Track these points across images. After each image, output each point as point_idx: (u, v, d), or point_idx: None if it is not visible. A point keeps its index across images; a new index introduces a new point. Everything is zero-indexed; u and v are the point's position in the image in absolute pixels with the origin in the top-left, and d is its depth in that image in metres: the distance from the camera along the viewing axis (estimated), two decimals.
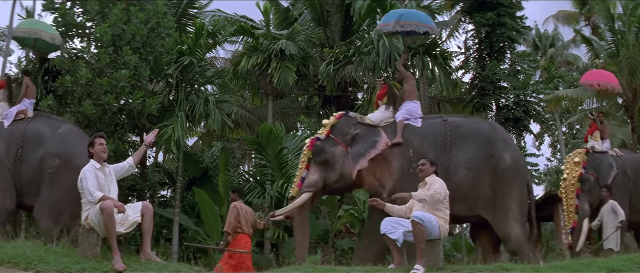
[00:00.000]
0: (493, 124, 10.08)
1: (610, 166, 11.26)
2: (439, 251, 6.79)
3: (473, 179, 8.70)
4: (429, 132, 8.91)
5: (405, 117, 9.07)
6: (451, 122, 9.13)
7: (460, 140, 8.85)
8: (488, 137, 8.94)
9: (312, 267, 6.90)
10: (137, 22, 12.97)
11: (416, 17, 10.23)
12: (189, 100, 14.39)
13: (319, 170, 8.77)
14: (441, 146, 8.78)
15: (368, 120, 9.11)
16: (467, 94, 19.95)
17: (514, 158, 8.88)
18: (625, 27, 17.20)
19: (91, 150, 6.83)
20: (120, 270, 6.30)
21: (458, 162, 8.71)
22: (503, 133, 9.44)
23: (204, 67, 15.20)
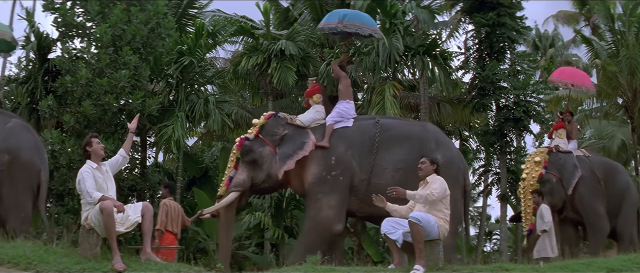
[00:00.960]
0: (426, 125, 9.88)
1: (575, 167, 10.96)
2: (438, 251, 6.79)
3: (401, 180, 8.47)
4: (357, 135, 8.81)
5: (336, 119, 8.97)
6: (382, 123, 9.03)
7: (389, 141, 8.75)
8: (419, 138, 8.86)
9: (312, 267, 6.90)
10: (138, 23, 12.98)
11: (359, 19, 9.97)
12: (189, 100, 14.39)
13: (247, 169, 8.75)
14: (368, 149, 8.67)
15: (298, 121, 9.02)
16: (467, 94, 19.94)
17: (447, 159, 8.66)
18: (625, 27, 17.21)
19: (89, 149, 6.82)
20: (120, 270, 6.31)
21: (385, 163, 8.62)
22: (436, 134, 9.27)
23: (204, 67, 15.20)
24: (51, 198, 13.50)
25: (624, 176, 12.02)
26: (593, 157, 11.75)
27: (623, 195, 11.52)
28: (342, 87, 9.50)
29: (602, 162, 11.82)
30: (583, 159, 11.32)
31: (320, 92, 9.52)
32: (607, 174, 11.37)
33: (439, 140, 9.05)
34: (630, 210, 11.66)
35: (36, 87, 13.49)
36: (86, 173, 6.62)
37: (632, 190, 12.00)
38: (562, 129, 11.78)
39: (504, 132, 18.56)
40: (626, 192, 11.63)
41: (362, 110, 17.64)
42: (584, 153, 11.65)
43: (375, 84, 16.41)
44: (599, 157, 12.92)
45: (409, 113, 21.73)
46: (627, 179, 12.13)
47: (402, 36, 15.95)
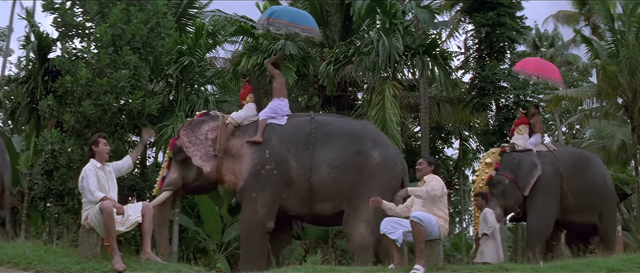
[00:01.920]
0: (365, 123, 9.65)
1: (532, 166, 10.36)
2: (438, 251, 6.79)
3: (336, 178, 8.45)
4: (291, 131, 8.73)
5: (269, 115, 8.94)
6: (318, 120, 8.96)
7: (325, 138, 8.64)
8: (356, 136, 8.71)
9: (312, 267, 6.90)
10: (137, 22, 12.97)
11: (289, 16, 9.79)
12: (189, 100, 14.38)
13: (179, 169, 8.75)
14: (304, 145, 8.56)
15: (230, 120, 8.97)
16: (467, 94, 19.95)
17: (383, 158, 8.55)
18: (625, 27, 17.21)
19: (95, 148, 6.86)
20: (120, 270, 6.32)
21: (321, 160, 8.49)
22: (374, 133, 9.10)
23: (204, 67, 15.19)
24: (51, 198, 13.51)
25: (599, 169, 11.26)
26: (560, 150, 11.05)
27: (598, 188, 10.86)
28: (276, 84, 9.49)
29: (572, 155, 11.15)
30: (546, 154, 10.68)
31: (252, 92, 9.48)
32: (577, 168, 10.72)
33: (376, 139, 8.86)
34: (612, 207, 11.13)
35: (36, 87, 13.48)
36: (89, 172, 6.64)
37: (610, 183, 11.34)
38: (525, 125, 11.21)
39: (504, 132, 18.54)
40: (603, 186, 11.01)
41: (362, 110, 17.65)
42: (549, 147, 10.99)
43: (375, 83, 16.41)
44: (569, 149, 12.16)
45: (409, 113, 21.74)
46: (603, 172, 11.39)
47: (402, 36, 15.95)
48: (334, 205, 8.52)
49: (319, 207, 8.45)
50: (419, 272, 6.49)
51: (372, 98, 16.03)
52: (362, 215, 8.19)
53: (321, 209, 8.46)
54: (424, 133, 19.11)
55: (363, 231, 8.14)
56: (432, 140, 21.81)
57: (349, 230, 8.30)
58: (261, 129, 8.68)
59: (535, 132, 11.10)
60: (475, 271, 6.89)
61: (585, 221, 10.87)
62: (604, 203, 10.99)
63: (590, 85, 20.81)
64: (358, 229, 8.19)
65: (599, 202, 10.89)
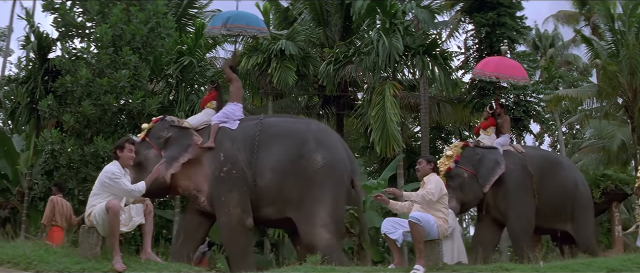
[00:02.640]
0: (310, 123, 9.31)
1: (495, 163, 10.00)
2: (438, 251, 6.79)
3: (279, 182, 8.27)
4: (241, 134, 8.65)
5: (221, 120, 8.88)
6: (265, 122, 8.83)
7: (269, 140, 8.50)
8: (299, 137, 8.50)
9: (312, 267, 6.90)
10: (137, 22, 12.98)
11: (244, 19, 9.86)
12: (189, 100, 14.39)
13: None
14: (250, 148, 8.47)
15: (186, 124, 8.94)
16: (467, 94, 19.96)
17: (327, 160, 8.27)
18: (625, 27, 17.21)
19: (119, 153, 6.82)
20: (121, 270, 6.32)
21: (265, 163, 8.35)
22: (318, 133, 8.74)
23: (204, 67, 15.20)
24: None
25: (569, 172, 10.78)
26: (529, 152, 10.67)
27: (569, 192, 10.45)
28: (233, 88, 9.46)
29: (540, 157, 10.74)
30: (514, 154, 10.36)
31: (216, 99, 9.44)
32: (545, 170, 10.36)
33: (320, 139, 8.54)
34: (584, 212, 10.62)
35: (36, 87, 13.49)
36: (119, 173, 6.65)
37: (583, 188, 10.82)
38: (492, 126, 10.81)
39: None
40: (575, 190, 10.55)
41: (362, 110, 17.67)
42: (517, 148, 10.65)
43: (375, 83, 16.42)
44: (538, 151, 11.75)
45: (409, 113, 21.76)
46: (575, 176, 10.87)
47: (402, 36, 15.96)
48: (278, 209, 8.36)
49: (265, 211, 8.35)
50: (418, 272, 6.50)
51: (372, 98, 16.04)
52: (318, 221, 8.02)
53: (266, 213, 8.37)
54: (424, 133, 19.12)
55: (325, 236, 7.96)
56: (432, 140, 21.83)
57: (311, 239, 8.07)
58: (213, 133, 8.67)
59: (503, 132, 10.76)
60: (475, 271, 6.89)
61: (553, 227, 10.47)
62: (576, 208, 10.50)
63: (590, 85, 20.82)
64: (320, 236, 7.99)
65: (570, 207, 10.44)
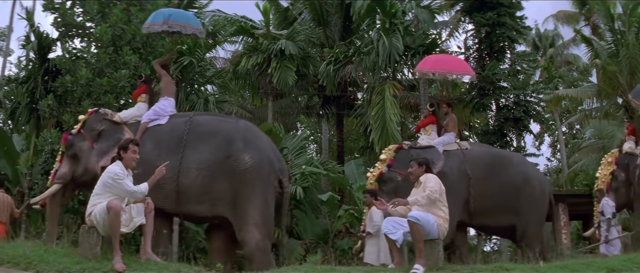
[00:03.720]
0: (238, 122, 9.28)
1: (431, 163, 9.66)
2: (438, 251, 6.78)
3: (206, 180, 8.30)
4: (168, 132, 8.71)
5: (152, 118, 8.94)
6: (194, 120, 8.85)
7: (197, 139, 8.55)
8: (226, 137, 8.53)
9: (312, 267, 6.90)
10: (138, 22, 12.98)
11: (183, 18, 9.92)
12: (189, 100, 14.39)
13: (69, 163, 8.89)
14: (176, 146, 8.51)
15: (117, 118, 9.03)
16: (467, 94, 19.96)
17: (255, 160, 8.28)
18: (625, 27, 17.23)
19: (123, 154, 6.78)
20: (121, 271, 6.32)
21: (190, 162, 8.38)
22: (247, 132, 8.75)
23: (204, 67, 15.20)
24: None
25: (518, 169, 10.38)
26: (473, 150, 10.33)
27: (516, 190, 10.07)
28: (163, 84, 9.48)
29: (485, 155, 10.38)
30: (455, 154, 10.06)
31: (146, 92, 9.48)
32: (490, 168, 10.05)
33: (248, 139, 8.56)
34: (532, 208, 10.18)
35: (36, 87, 13.49)
36: (122, 173, 6.62)
37: (534, 185, 10.36)
38: (432, 124, 10.54)
39: (504, 132, 18.57)
40: (523, 185, 10.16)
41: (362, 110, 17.67)
42: (462, 147, 10.29)
43: (375, 83, 16.42)
44: (485, 149, 11.34)
45: (409, 113, 21.75)
46: (525, 172, 10.43)
47: (402, 36, 15.96)
48: (209, 207, 8.39)
49: (193, 209, 8.42)
50: (418, 271, 6.50)
51: (372, 98, 16.05)
52: (250, 219, 8.09)
53: (196, 210, 8.44)
54: None
55: (256, 235, 8.01)
56: None
57: (242, 236, 8.18)
58: (140, 131, 8.75)
59: (448, 131, 10.46)
60: (475, 271, 6.88)
61: (501, 224, 10.20)
62: (523, 202, 10.12)
63: (590, 85, 20.82)
64: (250, 234, 8.06)
65: (517, 202, 10.12)
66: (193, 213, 8.59)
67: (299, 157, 15.41)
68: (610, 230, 10.52)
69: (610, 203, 10.79)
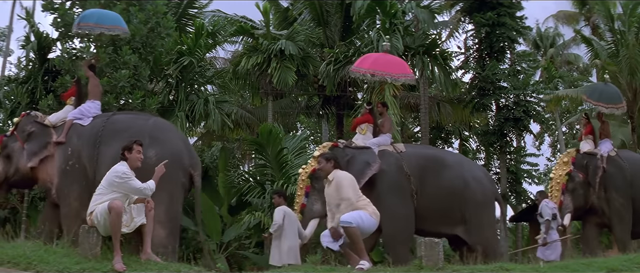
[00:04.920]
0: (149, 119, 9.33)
1: (366, 164, 9.46)
2: (439, 251, 6.76)
3: None
4: (88, 131, 8.98)
5: (76, 116, 9.20)
6: (112, 118, 9.10)
7: (112, 136, 8.72)
8: (135, 133, 8.56)
9: (312, 267, 6.90)
10: (137, 22, 12.97)
11: (94, 18, 10.08)
12: (189, 100, 14.39)
13: (3, 164, 9.19)
14: (93, 142, 8.78)
15: (47, 121, 9.26)
16: (467, 94, 19.97)
17: (160, 156, 8.28)
18: (625, 27, 17.23)
19: (127, 154, 6.81)
20: (121, 271, 6.32)
21: (103, 158, 8.56)
22: (155, 129, 8.83)
23: (203, 67, 15.19)
24: None
25: (457, 171, 9.93)
26: (409, 151, 10.02)
27: (457, 193, 9.67)
28: (90, 86, 9.69)
29: (422, 156, 10.01)
30: (390, 154, 9.76)
31: (74, 95, 9.72)
32: (427, 170, 9.71)
33: (155, 136, 8.65)
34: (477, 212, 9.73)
35: (36, 87, 13.48)
36: (130, 173, 6.67)
37: (476, 186, 9.88)
38: (368, 123, 10.17)
39: (504, 132, 18.58)
40: (464, 190, 9.71)
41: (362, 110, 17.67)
42: (397, 148, 9.97)
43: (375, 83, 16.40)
44: (422, 150, 11.10)
45: (409, 113, 21.76)
46: (464, 174, 9.93)
47: (402, 36, 15.97)
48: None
49: None
50: (364, 267, 6.53)
51: (372, 98, 16.03)
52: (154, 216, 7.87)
53: None
54: (424, 133, 19.14)
55: (160, 232, 7.98)
56: (432, 140, 21.83)
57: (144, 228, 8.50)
58: (66, 129, 9.04)
59: (384, 131, 10.15)
60: (476, 271, 6.88)
61: (440, 231, 9.64)
62: (466, 209, 9.68)
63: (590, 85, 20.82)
64: (155, 232, 7.84)
65: (458, 208, 9.67)
66: None
67: (299, 157, 15.41)
68: (549, 232, 9.95)
69: (550, 205, 10.15)
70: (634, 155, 12.15)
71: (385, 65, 10.33)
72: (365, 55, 11.53)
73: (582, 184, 10.88)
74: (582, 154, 11.20)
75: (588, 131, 11.59)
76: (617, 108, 11.50)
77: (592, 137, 11.49)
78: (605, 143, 11.27)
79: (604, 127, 11.54)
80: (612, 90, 11.79)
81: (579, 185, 10.87)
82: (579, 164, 11.03)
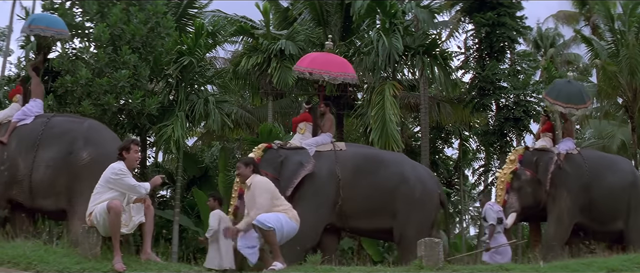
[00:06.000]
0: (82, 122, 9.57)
1: (299, 165, 9.41)
2: (439, 251, 6.76)
3: (51, 177, 8.89)
4: (30, 131, 9.24)
5: (20, 117, 9.46)
6: (49, 121, 9.36)
7: (49, 139, 9.09)
8: (71, 136, 9.06)
9: (312, 266, 6.90)
10: (137, 22, 12.97)
11: (45, 22, 10.55)
12: (189, 100, 14.39)
13: None
14: (32, 144, 9.07)
15: None
16: (467, 94, 19.96)
17: (92, 157, 8.76)
18: (625, 27, 17.22)
19: (125, 154, 6.84)
20: (121, 271, 6.32)
21: (41, 160, 8.96)
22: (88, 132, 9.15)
23: (204, 67, 15.19)
24: None
25: (395, 169, 9.83)
26: (348, 151, 9.89)
27: (389, 190, 9.59)
28: (32, 86, 9.99)
29: (358, 157, 9.88)
30: (326, 155, 9.65)
31: (20, 93, 9.98)
32: (362, 169, 9.66)
33: (89, 137, 9.05)
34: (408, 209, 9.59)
35: None
36: (126, 170, 6.71)
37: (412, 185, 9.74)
38: (305, 122, 10.08)
39: (504, 131, 18.57)
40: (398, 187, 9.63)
41: (362, 110, 17.66)
42: (337, 147, 9.87)
43: (375, 83, 16.41)
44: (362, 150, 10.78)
45: (409, 113, 21.75)
46: (401, 172, 9.83)
47: (402, 36, 15.96)
48: (54, 202, 8.96)
49: (40, 203, 9.01)
50: (276, 267, 6.58)
51: (372, 98, 16.04)
52: (77, 212, 8.46)
53: (42, 204, 9.03)
54: (424, 133, 19.14)
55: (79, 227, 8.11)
56: (432, 140, 21.83)
57: (70, 225, 8.81)
58: (10, 130, 9.29)
59: (324, 131, 10.06)
60: (476, 271, 6.88)
61: (376, 227, 9.73)
62: (399, 205, 9.61)
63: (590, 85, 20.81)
64: (74, 224, 8.47)
65: (391, 204, 9.61)
66: (42, 208, 9.19)
67: None
68: (494, 236, 9.57)
69: (495, 208, 9.77)
70: (598, 154, 11.50)
71: (324, 64, 10.31)
72: (307, 54, 11.53)
73: (530, 182, 10.35)
74: (532, 151, 10.71)
75: (546, 128, 11.16)
76: (577, 108, 10.90)
77: (550, 135, 11.03)
78: (566, 142, 10.75)
79: (566, 125, 11.01)
80: (573, 89, 11.10)
81: (527, 183, 10.35)
82: (527, 161, 10.48)
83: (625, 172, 10.76)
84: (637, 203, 10.58)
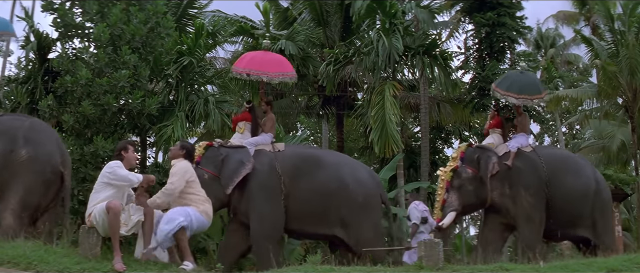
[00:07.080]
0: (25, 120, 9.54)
1: (240, 163, 9.26)
2: (439, 251, 6.77)
3: None
4: None
5: None
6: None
7: None
8: (12, 134, 9.01)
9: (312, 267, 6.91)
10: (137, 22, 12.97)
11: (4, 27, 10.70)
12: (189, 100, 14.37)
13: None
14: None
15: None
16: (467, 94, 19.97)
17: (30, 154, 8.76)
18: (625, 27, 17.23)
19: (124, 154, 6.94)
20: (121, 271, 6.33)
21: None
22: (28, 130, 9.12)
23: (203, 67, 15.18)
24: None
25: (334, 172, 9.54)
26: (287, 151, 9.75)
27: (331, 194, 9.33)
28: None
29: (296, 156, 9.68)
30: (266, 154, 9.52)
31: None
32: (301, 170, 9.43)
33: (28, 136, 9.03)
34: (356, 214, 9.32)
35: (36, 87, 13.47)
36: (120, 164, 6.79)
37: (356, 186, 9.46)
38: (247, 121, 9.94)
39: None
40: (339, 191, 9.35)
41: (362, 110, 17.67)
42: (276, 148, 9.71)
43: (375, 84, 16.42)
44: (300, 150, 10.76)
45: (409, 113, 21.75)
46: (342, 175, 9.52)
47: (402, 36, 15.96)
48: None
49: None
50: (187, 267, 6.62)
51: (372, 98, 16.04)
52: (9, 205, 8.49)
53: None
54: (424, 133, 19.14)
55: (8, 218, 8.40)
56: (432, 140, 21.84)
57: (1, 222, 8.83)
58: None
59: (265, 131, 9.91)
60: (476, 271, 6.89)
61: (317, 232, 9.54)
62: (345, 210, 9.32)
63: (590, 85, 20.83)
64: (6, 220, 8.46)
65: (336, 209, 9.31)
66: None
67: None
68: (416, 236, 9.36)
69: (419, 208, 9.62)
70: (554, 151, 11.21)
71: (262, 64, 10.12)
72: (245, 54, 11.31)
73: (471, 180, 9.92)
74: (474, 148, 10.32)
75: (495, 124, 10.81)
76: (532, 99, 10.59)
77: (499, 131, 10.66)
78: (520, 138, 10.32)
79: (520, 120, 10.58)
80: (527, 79, 10.77)
81: (468, 181, 9.92)
82: (468, 159, 10.05)
83: (589, 178, 10.19)
84: (603, 211, 10.20)
